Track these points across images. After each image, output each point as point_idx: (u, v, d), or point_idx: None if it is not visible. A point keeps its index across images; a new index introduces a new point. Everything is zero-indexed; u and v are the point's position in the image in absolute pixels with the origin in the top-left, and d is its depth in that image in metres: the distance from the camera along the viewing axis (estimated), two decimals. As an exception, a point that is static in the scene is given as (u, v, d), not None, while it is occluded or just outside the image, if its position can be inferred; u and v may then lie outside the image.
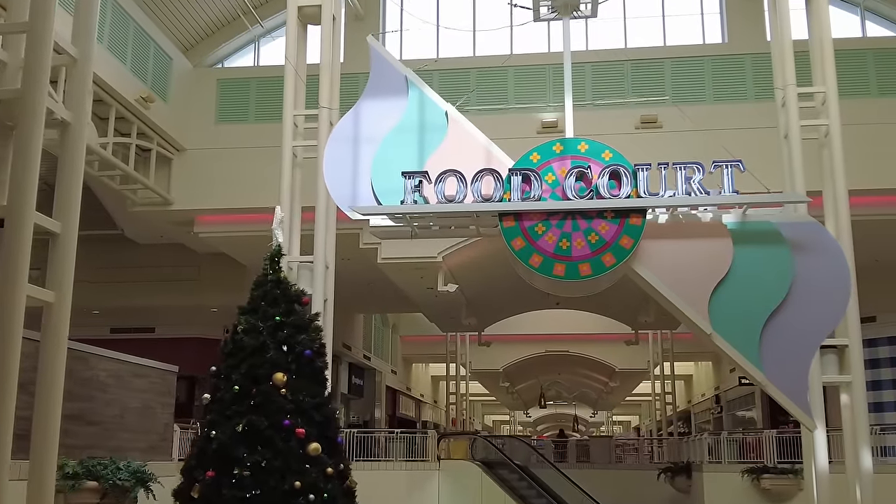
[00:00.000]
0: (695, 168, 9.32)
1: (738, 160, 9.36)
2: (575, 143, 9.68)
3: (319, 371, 9.52)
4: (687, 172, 9.30)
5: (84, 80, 7.08)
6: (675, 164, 9.36)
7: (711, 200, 9.29)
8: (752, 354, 9.12)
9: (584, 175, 9.42)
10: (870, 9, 17.66)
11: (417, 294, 20.33)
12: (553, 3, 10.30)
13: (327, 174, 10.16)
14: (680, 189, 9.31)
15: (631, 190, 9.32)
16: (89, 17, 7.20)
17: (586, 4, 10.40)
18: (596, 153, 9.56)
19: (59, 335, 6.56)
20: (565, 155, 9.57)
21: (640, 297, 17.48)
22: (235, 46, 19.14)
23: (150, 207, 17.35)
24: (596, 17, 10.66)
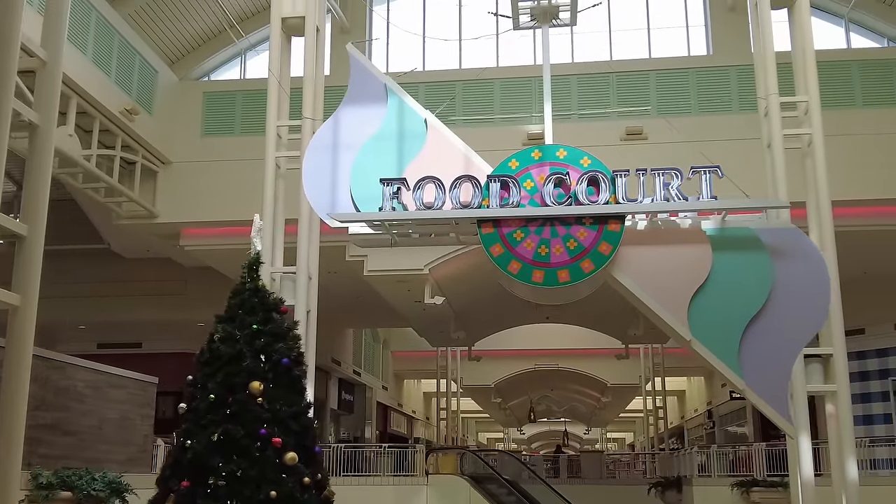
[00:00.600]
0: (673, 174, 9.31)
1: (715, 166, 9.35)
2: (553, 149, 9.67)
3: (297, 380, 9.42)
4: (665, 178, 9.29)
5: (53, 83, 7.05)
6: (653, 171, 9.35)
7: (690, 206, 9.28)
8: (731, 361, 9.07)
9: (563, 181, 9.40)
10: (854, 21, 17.74)
11: (405, 307, 20.24)
12: (532, 12, 10.30)
13: (306, 182, 10.12)
14: (658, 195, 9.29)
15: (609, 196, 9.30)
16: (59, 19, 7.19)
17: (565, 13, 10.40)
18: (574, 159, 9.55)
19: (25, 340, 6.48)
20: (544, 161, 9.56)
21: (629, 310, 17.42)
22: (222, 59, 19.15)
23: (135, 220, 17.29)
24: (576, 25, 10.68)
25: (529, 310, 22.58)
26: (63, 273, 21.29)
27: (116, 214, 17.20)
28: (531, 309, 22.49)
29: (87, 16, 14.58)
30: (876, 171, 15.78)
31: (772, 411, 9.11)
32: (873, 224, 16.32)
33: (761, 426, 24.98)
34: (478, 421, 54.99)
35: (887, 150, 15.81)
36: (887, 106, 16.22)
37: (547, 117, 10.27)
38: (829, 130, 15.25)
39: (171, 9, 17.63)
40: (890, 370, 19.44)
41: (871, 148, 15.85)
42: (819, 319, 9.41)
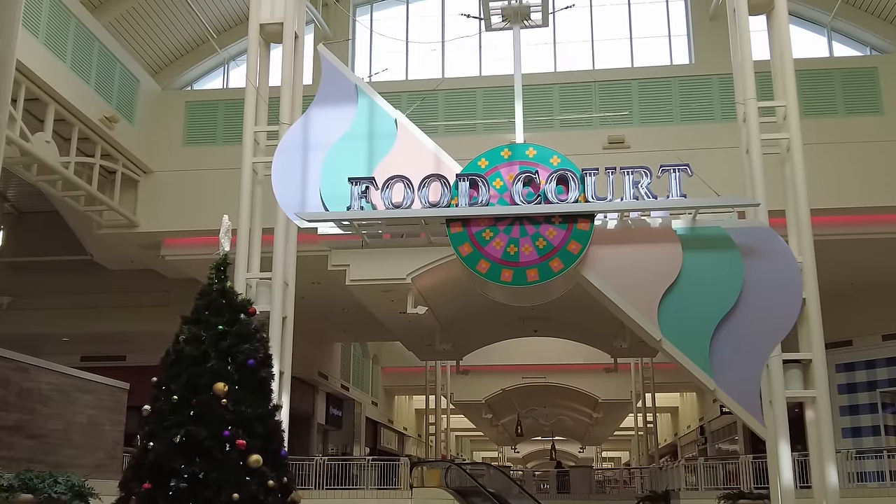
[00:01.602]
0: (642, 173, 9.25)
1: (685, 164, 9.28)
2: (523, 148, 9.61)
3: (263, 382, 9.30)
4: (634, 177, 9.23)
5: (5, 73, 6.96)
6: (622, 169, 9.28)
7: (659, 204, 9.21)
8: (702, 361, 8.97)
9: (532, 180, 9.34)
10: (836, 29, 17.77)
11: (390, 319, 20.11)
12: (503, 12, 10.27)
13: (276, 182, 10.06)
14: (628, 193, 9.21)
15: (579, 195, 9.22)
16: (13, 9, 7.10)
17: (537, 13, 10.37)
18: (544, 158, 9.49)
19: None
20: (513, 160, 9.50)
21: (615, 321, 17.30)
22: (205, 69, 19.15)
23: (115, 230, 17.20)
24: (547, 26, 10.64)
25: (517, 323, 22.48)
26: (46, 285, 21.24)
27: (97, 224, 17.12)
28: (518, 322, 22.40)
29: (66, 23, 14.55)
30: (859, 179, 15.73)
31: (744, 412, 9.00)
32: (858, 233, 16.25)
33: (752, 441, 24.79)
34: (472, 439, 54.67)
35: (870, 159, 15.77)
36: (870, 114, 16.18)
37: (518, 117, 10.22)
38: (811, 139, 15.28)
39: (153, 18, 17.64)
40: (878, 381, 19.32)
41: (853, 156, 15.82)
42: (790, 318, 9.30)
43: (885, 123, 16.05)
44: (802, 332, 12.23)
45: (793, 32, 17.54)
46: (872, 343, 19.49)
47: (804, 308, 12.07)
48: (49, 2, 14.02)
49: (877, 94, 16.27)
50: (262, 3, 14.03)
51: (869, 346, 19.50)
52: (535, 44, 17.19)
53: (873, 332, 19.45)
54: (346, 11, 18.24)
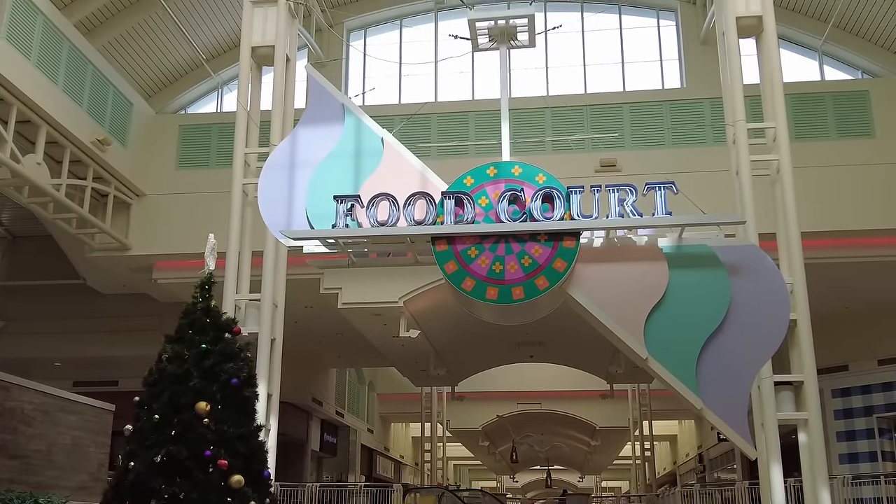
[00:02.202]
0: (627, 190, 9.23)
1: (670, 182, 9.26)
2: (509, 166, 9.60)
3: (246, 401, 9.22)
4: (620, 195, 9.20)
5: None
6: (608, 187, 9.26)
7: (644, 222, 9.17)
8: (689, 380, 8.88)
9: (518, 198, 9.32)
10: (827, 53, 17.84)
11: (384, 343, 20.00)
12: (490, 32, 10.31)
13: (262, 200, 10.05)
14: (613, 211, 9.19)
15: (564, 213, 9.19)
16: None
17: (524, 34, 10.41)
18: (530, 176, 9.47)
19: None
20: (499, 178, 9.48)
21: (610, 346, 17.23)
22: (199, 93, 19.22)
23: (107, 253, 17.16)
24: (534, 47, 10.67)
25: (512, 348, 22.38)
26: (39, 309, 21.18)
27: (89, 247, 17.08)
28: (513, 347, 22.30)
29: (59, 46, 14.61)
30: (852, 202, 15.70)
31: (732, 432, 8.89)
32: (850, 256, 16.19)
33: (749, 468, 24.58)
34: (471, 468, 54.25)
35: (862, 181, 15.75)
36: (862, 137, 16.20)
37: (504, 136, 10.22)
38: (803, 162, 15.35)
39: (147, 42, 17.73)
40: (874, 407, 19.15)
41: (846, 179, 15.81)
42: (778, 337, 9.21)
43: (877, 146, 16.06)
44: (794, 354, 12.18)
45: (784, 56, 17.73)
46: (868, 368, 19.35)
47: (795, 329, 12.07)
48: (42, 24, 14.09)
49: (868, 117, 16.29)
50: (254, 26, 14.14)
51: (865, 371, 19.37)
52: (527, 68, 17.26)
53: (869, 356, 19.32)
54: (340, 36, 18.34)
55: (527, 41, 10.53)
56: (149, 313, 20.54)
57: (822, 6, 17.34)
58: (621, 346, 9.15)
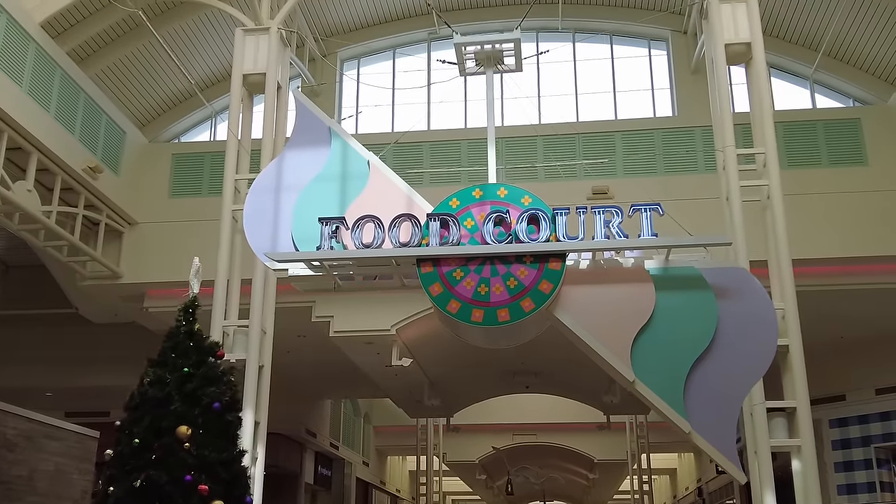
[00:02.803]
0: (613, 212, 9.19)
1: (656, 204, 9.23)
2: (494, 188, 9.57)
3: (229, 426, 9.15)
4: (605, 216, 9.16)
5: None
6: (593, 209, 9.23)
7: (630, 244, 9.12)
8: (676, 403, 8.77)
9: (503, 220, 9.28)
10: (818, 81, 17.90)
11: (377, 373, 19.89)
12: (477, 57, 10.35)
13: (247, 223, 10.01)
14: (599, 233, 9.14)
15: (550, 234, 9.15)
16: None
17: (510, 58, 10.45)
18: (515, 198, 9.45)
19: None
20: (485, 200, 9.45)
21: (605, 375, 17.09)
22: (192, 122, 19.28)
23: (98, 281, 17.08)
24: (521, 71, 10.69)
25: (507, 378, 22.24)
26: (31, 338, 21.08)
27: (80, 275, 17.01)
28: (508, 377, 22.16)
29: (52, 73, 14.67)
30: (845, 229, 15.65)
31: (720, 455, 8.76)
32: (845, 283, 16.09)
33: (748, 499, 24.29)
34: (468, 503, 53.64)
35: (855, 209, 15.72)
36: (854, 165, 16.21)
37: (490, 159, 10.21)
38: (796, 189, 15.37)
39: (140, 72, 17.80)
40: (872, 437, 18.95)
41: (838, 206, 15.78)
42: (766, 359, 9.10)
43: (869, 174, 16.06)
44: (787, 380, 12.08)
45: (775, 85, 17.89)
46: (866, 397, 19.19)
47: (788, 355, 11.98)
48: (34, 52, 14.16)
49: (860, 144, 16.30)
50: (246, 53, 14.25)
51: (862, 401, 19.20)
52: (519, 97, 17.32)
53: (866, 386, 19.17)
54: (333, 66, 18.44)
55: (514, 65, 10.55)
56: (140, 343, 20.37)
57: (812, 35, 17.44)
58: (608, 368, 9.05)
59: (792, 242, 13.36)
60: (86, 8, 15.40)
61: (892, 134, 16.12)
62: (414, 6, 18.52)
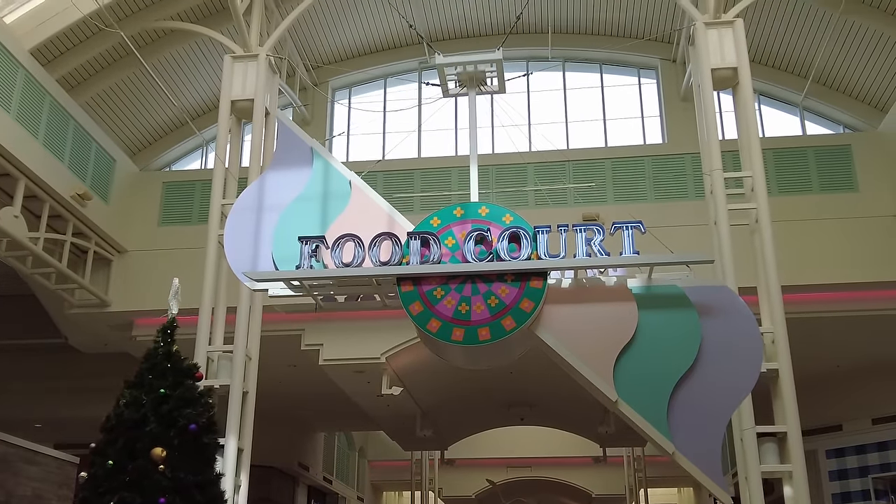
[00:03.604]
0: (595, 230, 9.12)
1: (638, 221, 9.16)
2: (476, 206, 9.52)
3: (205, 448, 8.98)
4: (587, 234, 9.09)
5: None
6: (575, 226, 9.17)
7: (611, 262, 9.04)
8: (660, 423, 8.63)
9: (485, 238, 9.21)
10: (808, 108, 17.92)
11: (368, 403, 19.70)
12: (459, 77, 10.35)
13: (227, 243, 9.95)
14: (580, 251, 9.06)
15: (531, 252, 9.07)
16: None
17: (492, 80, 10.45)
18: (497, 217, 9.39)
19: None
20: (466, 219, 9.40)
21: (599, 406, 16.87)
22: (183, 151, 19.29)
23: (86, 309, 16.98)
24: (504, 93, 10.69)
25: (501, 410, 22.03)
26: (20, 369, 20.92)
27: (68, 304, 16.91)
28: (503, 409, 21.95)
29: (41, 100, 14.69)
30: (836, 255, 15.57)
31: (704, 477, 8.59)
32: (837, 310, 15.97)
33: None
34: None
35: (846, 235, 15.66)
36: (845, 191, 16.18)
37: (473, 180, 10.15)
38: (787, 216, 15.34)
39: (132, 100, 17.82)
40: (869, 467, 18.68)
41: (829, 233, 15.72)
42: (751, 378, 8.98)
43: (860, 200, 16.01)
44: (777, 405, 11.92)
45: (765, 112, 17.94)
46: (863, 427, 18.93)
47: (778, 380, 11.83)
48: (23, 79, 14.20)
49: (851, 171, 16.28)
50: (234, 80, 14.29)
51: (859, 431, 18.94)
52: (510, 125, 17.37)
53: (863, 415, 18.93)
54: (325, 94, 18.50)
55: (496, 87, 10.55)
56: (131, 374, 20.24)
57: (801, 62, 17.50)
58: (590, 388, 8.92)
59: (784, 269, 13.29)
60: (76, 35, 15.46)
61: (882, 160, 16.11)
62: (404, 36, 18.63)
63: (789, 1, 16.29)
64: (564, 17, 18.40)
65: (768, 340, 12.17)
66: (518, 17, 14.74)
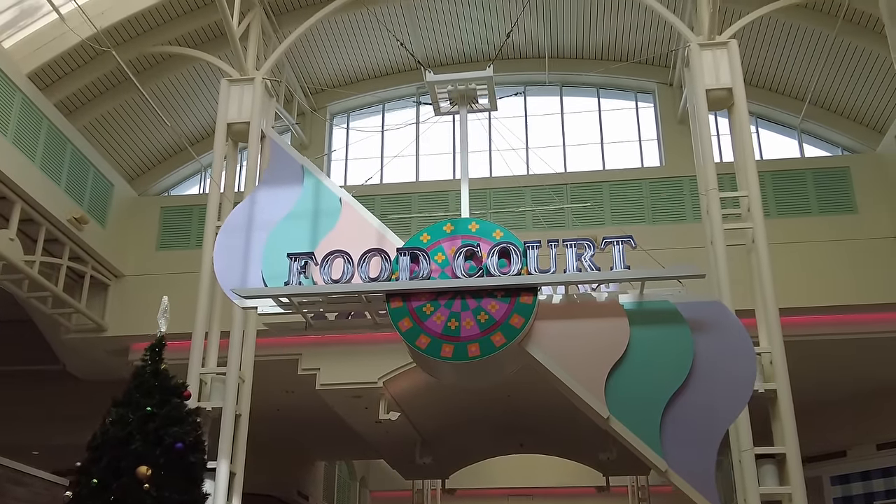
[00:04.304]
0: (585, 245, 9.06)
1: (628, 236, 9.09)
2: (466, 222, 9.47)
3: (192, 467, 8.88)
4: (577, 249, 9.02)
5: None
6: (565, 242, 9.10)
7: (602, 276, 8.96)
8: (652, 440, 8.49)
9: (474, 254, 9.14)
10: (806, 131, 17.89)
11: (367, 430, 19.51)
12: (450, 95, 10.35)
13: (217, 261, 9.91)
14: (571, 266, 8.98)
15: (521, 268, 9.00)
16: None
17: (483, 98, 10.44)
18: (487, 233, 9.34)
19: None
20: (456, 235, 9.35)
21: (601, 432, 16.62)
22: (182, 176, 19.32)
23: (83, 334, 16.92)
24: (496, 111, 10.67)
25: (500, 437, 21.79)
26: (18, 396, 20.80)
27: (65, 328, 16.86)
28: (502, 436, 21.71)
29: (38, 124, 14.74)
30: (836, 277, 15.45)
31: (697, 495, 8.43)
32: (838, 333, 15.80)
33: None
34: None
35: (847, 256, 15.55)
36: (844, 213, 16.09)
37: (464, 195, 10.11)
38: (786, 238, 15.26)
39: (130, 124, 17.87)
40: (874, 493, 18.38)
41: (829, 255, 15.61)
42: (745, 395, 8.86)
43: (860, 222, 15.92)
44: (776, 426, 11.76)
45: (763, 135, 17.92)
46: (867, 453, 18.66)
47: (776, 401, 11.69)
48: (21, 102, 14.25)
49: (850, 193, 16.21)
50: (231, 103, 14.36)
51: (864, 457, 18.67)
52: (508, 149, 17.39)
53: (867, 441, 18.67)
54: (323, 117, 18.57)
55: (487, 105, 10.55)
56: (127, 399, 20.14)
57: (798, 85, 17.50)
58: (581, 405, 8.79)
59: (784, 292, 13.20)
60: (74, 60, 15.55)
61: (881, 181, 16.04)
62: (402, 62, 18.70)
63: (784, 23, 16.32)
64: (561, 41, 18.47)
65: (766, 361, 12.06)
66: (508, 34, 14.74)
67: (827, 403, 17.82)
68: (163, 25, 15.98)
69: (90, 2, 14.57)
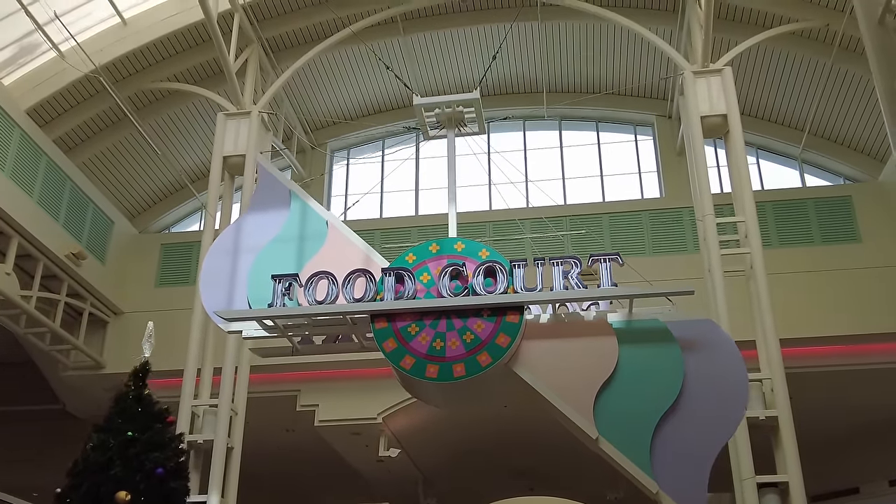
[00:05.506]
0: (572, 263, 8.93)
1: (615, 253, 8.96)
2: (451, 242, 9.38)
3: (173, 493, 8.71)
4: (564, 268, 8.89)
5: None
6: (551, 260, 8.99)
7: (589, 294, 8.81)
8: (642, 461, 8.25)
9: (460, 273, 9.02)
10: (807, 161, 17.79)
11: (368, 469, 19.23)
12: (438, 118, 10.33)
13: (203, 285, 9.84)
14: (557, 284, 8.85)
15: (507, 287, 8.87)
16: None
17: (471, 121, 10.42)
18: (473, 252, 9.23)
19: None
20: (441, 254, 9.24)
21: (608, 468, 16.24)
22: (183, 213, 19.35)
23: (81, 371, 16.84)
24: (484, 134, 10.64)
25: (506, 478, 21.40)
26: (18, 436, 20.66)
27: (63, 366, 16.79)
28: (507, 477, 21.32)
29: (37, 159, 14.85)
30: (840, 307, 15.21)
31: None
32: (845, 364, 15.54)
33: None
34: None
35: (850, 286, 15.33)
36: (847, 242, 15.92)
37: (451, 216, 10.03)
38: (789, 268, 15.10)
39: (130, 161, 17.95)
40: (889, 532, 17.90)
41: (832, 284, 15.41)
42: (737, 414, 8.63)
43: (863, 251, 15.74)
44: (778, 454, 11.50)
45: (764, 166, 17.82)
46: (880, 490, 18.22)
47: (778, 428, 11.42)
48: (19, 138, 14.38)
49: (853, 222, 16.06)
50: (227, 136, 14.46)
51: (876, 494, 18.23)
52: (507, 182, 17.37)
53: (879, 477, 18.23)
54: (323, 151, 18.64)
55: (476, 128, 10.52)
56: (127, 440, 19.95)
57: (798, 116, 17.44)
58: (570, 426, 8.57)
59: (787, 321, 13.01)
60: (73, 97, 15.71)
61: (884, 210, 15.90)
62: (401, 97, 18.80)
63: (781, 52, 16.32)
64: (560, 76, 18.53)
65: (767, 388, 11.82)
66: (494, 56, 14.80)
67: (835, 438, 17.44)
68: (161, 62, 16.15)
69: (89, 39, 14.79)
